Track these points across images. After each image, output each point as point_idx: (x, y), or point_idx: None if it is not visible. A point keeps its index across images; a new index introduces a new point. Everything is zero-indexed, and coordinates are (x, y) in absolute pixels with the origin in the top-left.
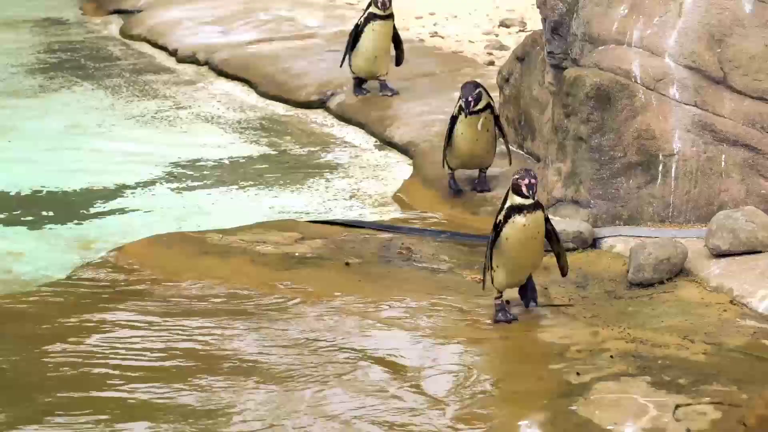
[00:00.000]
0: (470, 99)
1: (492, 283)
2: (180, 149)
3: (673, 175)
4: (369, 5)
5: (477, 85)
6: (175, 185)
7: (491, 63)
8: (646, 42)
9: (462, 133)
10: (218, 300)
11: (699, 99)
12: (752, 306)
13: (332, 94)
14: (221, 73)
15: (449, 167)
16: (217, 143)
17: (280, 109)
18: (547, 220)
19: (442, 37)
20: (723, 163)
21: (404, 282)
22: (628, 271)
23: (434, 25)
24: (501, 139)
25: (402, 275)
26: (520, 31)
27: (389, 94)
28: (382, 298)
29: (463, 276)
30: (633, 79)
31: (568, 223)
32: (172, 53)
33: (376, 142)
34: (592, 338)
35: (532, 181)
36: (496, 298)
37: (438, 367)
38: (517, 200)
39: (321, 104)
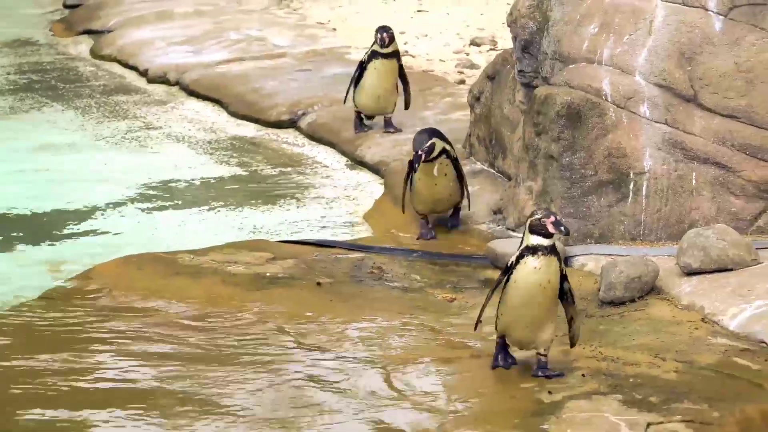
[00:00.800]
0: (420, 153)
1: (495, 328)
2: (151, 170)
3: (644, 193)
4: (373, 42)
5: (430, 134)
6: (146, 206)
7: (462, 81)
8: (616, 60)
9: (420, 179)
10: (189, 321)
11: (669, 117)
12: (723, 324)
13: (303, 114)
14: (192, 93)
15: (418, 212)
16: (188, 163)
17: (250, 129)
18: (564, 276)
19: (413, 56)
20: (694, 181)
21: (375, 301)
22: (599, 290)
23: (405, 44)
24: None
25: (373, 294)
26: (490, 49)
27: (391, 131)
28: (353, 317)
29: (434, 295)
30: (603, 97)
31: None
32: (143, 73)
33: (347, 161)
34: (564, 357)
35: (559, 217)
36: (498, 338)
37: (409, 388)
38: (535, 241)
39: (292, 124)
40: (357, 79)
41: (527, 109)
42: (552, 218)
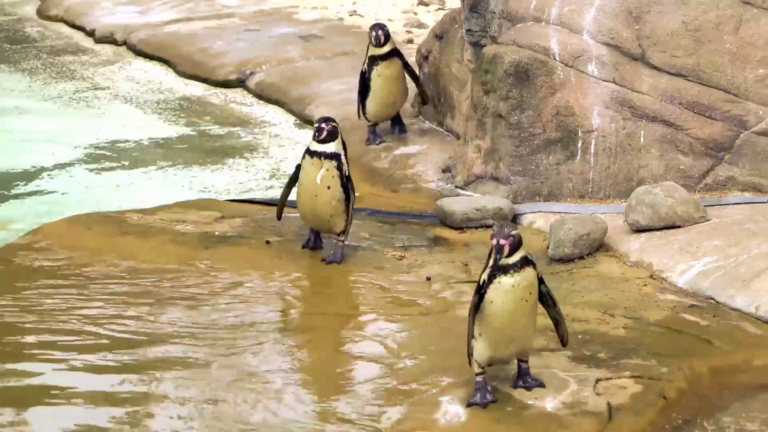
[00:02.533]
0: (322, 126)
1: (471, 355)
2: (98, 130)
3: (592, 151)
4: (368, 44)
5: (329, 119)
6: (93, 166)
7: (410, 41)
8: (564, 19)
9: (301, 184)
10: (137, 279)
11: (618, 75)
12: (672, 280)
13: (251, 73)
14: (140, 53)
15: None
16: (136, 124)
17: (199, 88)
18: (541, 280)
19: (362, 16)
20: (642, 139)
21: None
22: (548, 247)
23: (353, 3)
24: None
25: (323, 253)
26: (438, 9)
27: (397, 132)
28: (302, 276)
29: (384, 253)
30: (551, 56)
31: (487, 199)
32: (90, 34)
33: (296, 120)
34: None
35: (501, 241)
36: (478, 375)
37: (358, 344)
38: (501, 261)
39: (240, 83)
40: (363, 91)
41: (475, 68)
42: (494, 240)
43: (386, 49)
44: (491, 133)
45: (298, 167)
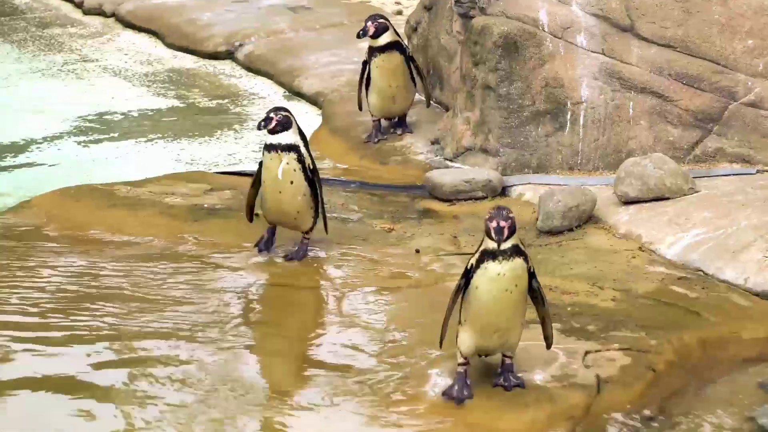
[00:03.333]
0: (270, 115)
1: (457, 344)
2: (87, 102)
3: (581, 123)
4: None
5: (279, 108)
6: (82, 138)
7: (399, 12)
8: None
9: (264, 181)
10: (127, 251)
11: (606, 47)
12: (661, 252)
13: (240, 45)
14: (128, 24)
15: (267, 220)
16: (125, 96)
17: (187, 60)
18: (531, 274)
19: None
20: (631, 111)
21: (314, 231)
22: (537, 219)
23: None
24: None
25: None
26: None
27: (408, 131)
28: (291, 248)
29: (373, 226)
30: (540, 28)
31: (477, 171)
32: (78, 5)
33: (284, 92)
34: None
35: (502, 223)
36: (460, 365)
37: (348, 317)
38: (491, 244)
39: (229, 55)
40: (364, 80)
41: (464, 39)
42: (494, 222)
43: (383, 41)
44: (480, 105)
45: (261, 164)
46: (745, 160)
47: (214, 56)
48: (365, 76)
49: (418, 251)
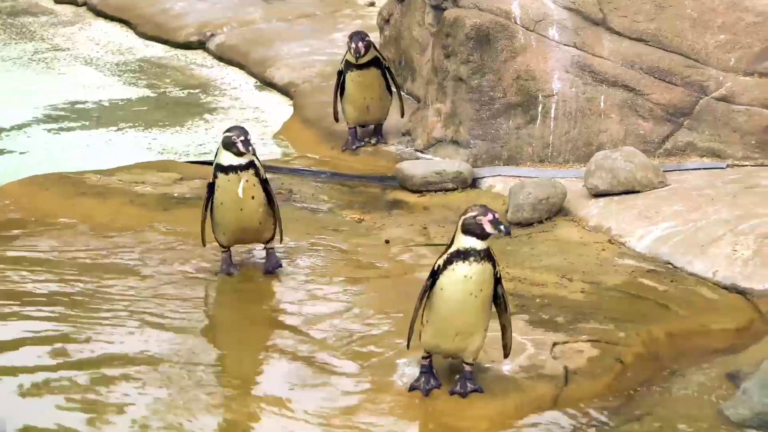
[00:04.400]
0: (240, 139)
1: (420, 339)
2: (58, 91)
3: (552, 115)
4: (346, 51)
5: (244, 131)
6: (53, 126)
7: (372, 4)
8: None
9: (222, 203)
10: (96, 241)
11: (578, 40)
12: (630, 245)
13: (212, 35)
14: (100, 13)
15: (221, 245)
16: (96, 85)
17: (159, 50)
18: (498, 280)
19: None
20: (602, 104)
21: (284, 222)
22: (507, 211)
23: None
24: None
25: (282, 215)
26: None
27: (382, 141)
28: None
29: (343, 216)
30: (513, 20)
31: (447, 163)
32: None
33: (256, 83)
34: None
35: (496, 215)
36: (423, 358)
37: (316, 306)
38: (467, 243)
39: (200, 45)
40: (339, 91)
41: (436, 31)
42: (489, 216)
43: (365, 59)
44: (452, 96)
45: (211, 187)
46: (715, 155)
47: (186, 46)
48: (340, 86)
49: (387, 242)
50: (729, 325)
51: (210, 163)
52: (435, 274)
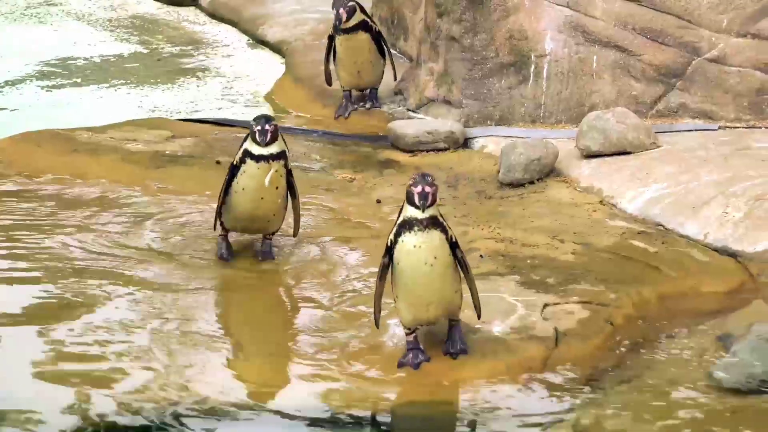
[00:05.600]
0: (266, 128)
1: (399, 318)
2: (50, 47)
3: (544, 75)
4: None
5: (270, 119)
6: (44, 83)
7: None
8: None
9: (243, 189)
10: (89, 197)
11: (571, 0)
12: (621, 206)
13: None
14: None
15: (222, 228)
16: (88, 41)
17: (151, 6)
18: (453, 244)
19: None
20: (594, 64)
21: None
22: (498, 171)
23: None
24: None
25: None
26: None
27: (377, 106)
28: None
29: (334, 175)
30: None
31: (440, 122)
32: None
33: (248, 40)
34: (462, 237)
35: (426, 189)
36: (407, 335)
37: (306, 266)
38: (410, 212)
39: (193, 2)
40: (329, 55)
41: None
42: (419, 188)
43: (350, 24)
44: (444, 56)
45: (234, 169)
46: (707, 116)
47: (178, 2)
48: (331, 50)
49: (379, 201)
50: (720, 287)
51: (201, 121)
52: (390, 249)
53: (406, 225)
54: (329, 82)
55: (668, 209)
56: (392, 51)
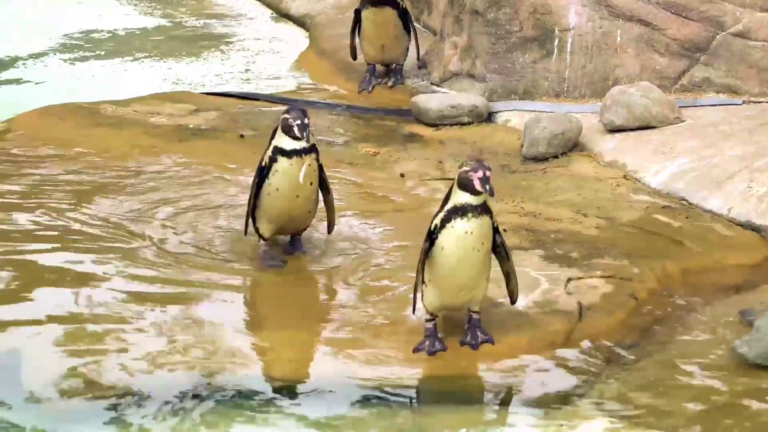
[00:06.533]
0: (305, 122)
1: (422, 301)
2: (74, 20)
3: (568, 50)
4: None
5: (305, 112)
6: (68, 56)
7: None
8: None
9: (278, 189)
10: (111, 171)
11: None
12: (645, 181)
13: None
14: None
15: (261, 237)
16: (112, 14)
17: None
18: (496, 230)
19: None
20: (618, 39)
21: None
22: (522, 146)
23: None
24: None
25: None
26: None
27: (399, 81)
28: None
29: (358, 149)
30: None
31: (463, 96)
32: None
33: (272, 14)
34: None
35: (487, 173)
36: (427, 321)
37: (331, 240)
38: (463, 199)
39: None
40: (355, 29)
41: None
42: (480, 173)
43: None
44: (468, 30)
45: (263, 172)
46: (731, 91)
47: None
48: (357, 24)
49: (402, 175)
50: (743, 262)
51: (225, 95)
52: (433, 234)
53: (458, 211)
54: (354, 56)
55: (692, 184)
56: (416, 25)
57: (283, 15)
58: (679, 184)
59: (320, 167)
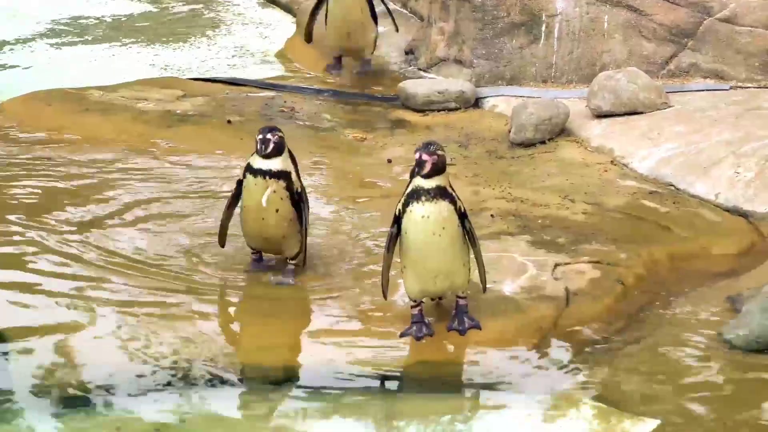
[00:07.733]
0: (267, 137)
1: (386, 288)
2: (61, 5)
3: (555, 35)
4: None
5: (275, 129)
6: (55, 41)
7: None
8: None
9: (245, 206)
10: (100, 156)
11: None
12: (633, 166)
13: None
14: None
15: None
16: (99, 0)
17: None
18: (462, 216)
19: None
20: (606, 24)
21: (287, 140)
22: (509, 131)
23: None
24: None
25: (284, 133)
26: None
27: (369, 70)
28: None
29: (345, 135)
30: None
31: (450, 82)
32: None
33: (259, 0)
34: (473, 197)
35: (424, 156)
36: (413, 307)
37: (318, 226)
38: (417, 182)
39: None
40: (316, 10)
41: None
42: (417, 154)
43: None
44: (455, 15)
45: (239, 183)
46: (719, 76)
47: None
48: (320, 6)
49: (390, 161)
50: (730, 247)
51: (213, 80)
52: (398, 219)
53: (414, 195)
54: (309, 39)
55: (679, 169)
56: (403, 10)
57: (270, 1)
58: (667, 170)
59: (298, 195)
